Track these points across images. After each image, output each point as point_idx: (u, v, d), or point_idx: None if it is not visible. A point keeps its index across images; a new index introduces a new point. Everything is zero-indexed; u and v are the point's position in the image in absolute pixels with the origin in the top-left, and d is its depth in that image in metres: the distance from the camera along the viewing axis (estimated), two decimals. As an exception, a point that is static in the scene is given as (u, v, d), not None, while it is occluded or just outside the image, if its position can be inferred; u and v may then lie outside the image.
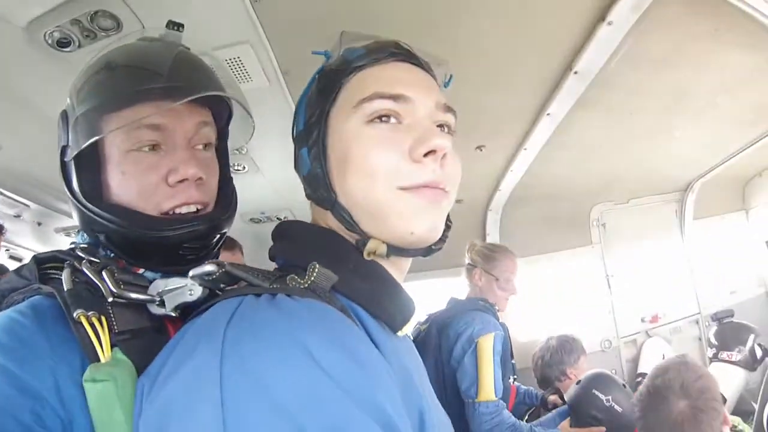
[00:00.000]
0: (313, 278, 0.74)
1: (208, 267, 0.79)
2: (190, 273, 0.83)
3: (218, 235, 1.12)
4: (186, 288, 0.91)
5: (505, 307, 2.93)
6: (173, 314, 0.92)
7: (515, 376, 2.87)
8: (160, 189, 1.02)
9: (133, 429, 0.72)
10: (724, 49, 2.36)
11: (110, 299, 0.91)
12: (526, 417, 3.47)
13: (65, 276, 0.92)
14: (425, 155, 0.80)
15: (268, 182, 3.04)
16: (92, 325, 0.85)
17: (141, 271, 1.04)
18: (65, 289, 0.89)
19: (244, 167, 2.85)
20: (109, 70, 1.04)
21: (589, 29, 2.07)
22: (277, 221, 3.54)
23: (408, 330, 0.86)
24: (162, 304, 0.93)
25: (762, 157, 4.13)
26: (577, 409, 2.77)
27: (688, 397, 1.73)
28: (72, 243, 1.09)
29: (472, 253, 2.91)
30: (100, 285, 0.92)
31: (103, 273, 0.94)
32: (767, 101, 3.04)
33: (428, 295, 3.14)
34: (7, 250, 3.05)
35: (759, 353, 3.54)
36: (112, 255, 1.04)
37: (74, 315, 0.85)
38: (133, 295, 0.93)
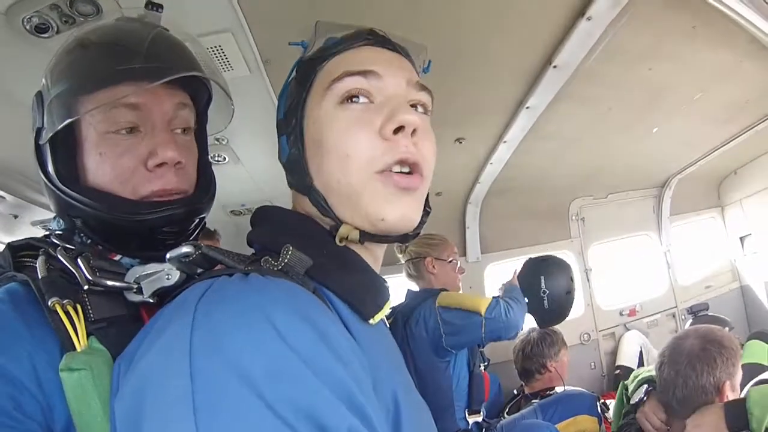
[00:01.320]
0: (286, 260, 0.75)
1: (185, 248, 0.80)
2: (168, 255, 0.82)
3: (197, 220, 1.11)
4: (163, 273, 0.90)
5: (460, 289, 3.01)
6: (151, 300, 0.92)
7: (485, 363, 2.91)
8: (138, 173, 0.99)
9: (109, 414, 0.72)
10: (700, 46, 2.40)
11: (86, 287, 0.90)
12: (507, 409, 3.51)
13: (39, 263, 0.90)
14: (395, 132, 0.81)
15: (249, 174, 3.02)
16: (67, 314, 0.84)
17: (118, 257, 1.03)
18: (39, 277, 0.88)
19: (224, 158, 2.81)
20: (85, 49, 1.02)
21: (569, 24, 2.09)
22: (259, 213, 3.56)
23: (382, 316, 0.86)
24: (139, 290, 0.93)
25: (737, 155, 4.23)
26: (521, 278, 2.95)
27: (702, 338, 1.88)
28: (46, 230, 1.07)
29: (414, 247, 2.93)
30: (75, 272, 0.90)
31: (79, 260, 0.92)
32: (741, 99, 3.11)
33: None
34: (-19, 244, 2.98)
35: (733, 346, 3.61)
36: (89, 241, 1.02)
37: (49, 303, 0.84)
38: (110, 283, 0.92)
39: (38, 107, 1.03)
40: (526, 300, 2.82)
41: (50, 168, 1.01)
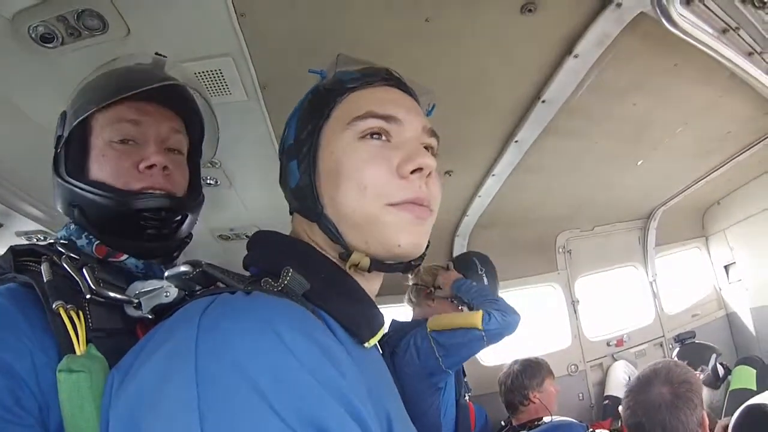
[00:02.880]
0: (286, 282, 0.77)
1: (184, 267, 0.83)
2: (166, 273, 0.86)
3: (180, 216, 1.23)
4: (162, 290, 0.96)
5: None
6: (149, 316, 0.96)
7: (470, 393, 2.89)
8: (131, 173, 1.15)
9: (101, 423, 0.73)
10: (682, 82, 2.49)
11: (88, 296, 0.95)
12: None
13: (44, 268, 0.96)
14: (412, 172, 0.85)
15: (240, 198, 3.01)
16: (70, 318, 0.88)
17: (123, 257, 1.14)
18: (45, 280, 0.92)
19: (216, 181, 2.77)
20: (102, 78, 1.24)
21: (557, 61, 2.16)
22: (245, 239, 3.49)
23: (376, 341, 0.89)
24: (139, 306, 0.97)
25: (720, 186, 4.33)
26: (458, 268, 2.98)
27: (670, 384, 1.84)
28: (51, 239, 1.18)
29: (424, 274, 2.95)
30: (79, 281, 0.96)
31: (84, 270, 0.98)
32: (722, 131, 3.21)
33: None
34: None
35: (721, 372, 3.62)
36: (88, 240, 1.14)
37: (53, 306, 0.88)
38: (112, 294, 0.98)
39: (61, 121, 1.21)
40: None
41: (62, 168, 1.17)
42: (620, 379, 4.27)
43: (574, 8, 1.88)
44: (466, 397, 2.83)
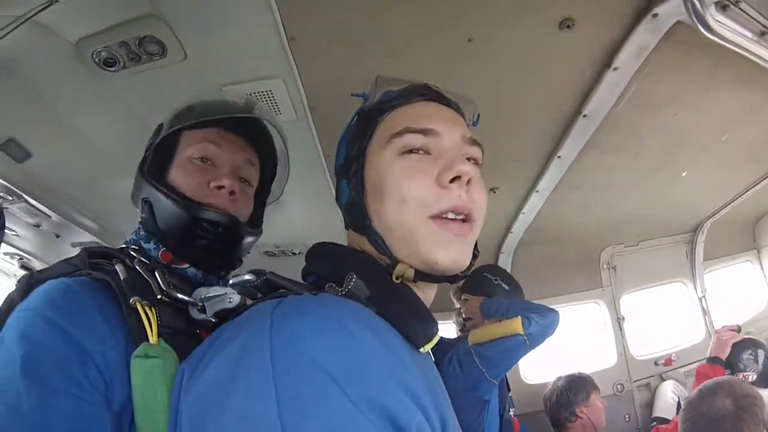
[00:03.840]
0: (350, 287, 0.83)
1: (248, 275, 0.92)
2: (230, 281, 0.95)
3: (236, 237, 1.31)
4: (226, 296, 1.04)
5: None
6: (212, 320, 1.05)
7: (513, 408, 2.87)
8: (202, 188, 1.25)
9: (170, 414, 0.79)
10: (723, 88, 2.48)
11: (159, 296, 1.04)
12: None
13: (120, 268, 1.06)
14: (451, 181, 0.89)
15: (287, 215, 3.03)
16: (145, 313, 0.97)
17: (185, 265, 1.24)
18: (122, 278, 1.02)
19: None
20: (201, 104, 1.35)
21: (597, 75, 2.19)
22: (291, 255, 3.59)
23: (431, 346, 0.92)
24: (203, 310, 1.06)
25: (770, 196, 4.15)
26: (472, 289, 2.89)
27: (733, 396, 1.82)
28: (124, 243, 1.27)
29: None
30: (151, 282, 1.06)
31: (156, 273, 1.08)
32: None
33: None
34: (20, 258, 3.04)
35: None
36: (157, 245, 1.24)
37: (130, 301, 0.97)
38: (180, 296, 1.07)
39: (156, 131, 1.35)
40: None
41: (146, 168, 1.29)
42: (669, 400, 4.07)
43: (611, 21, 1.92)
44: (510, 412, 2.81)
